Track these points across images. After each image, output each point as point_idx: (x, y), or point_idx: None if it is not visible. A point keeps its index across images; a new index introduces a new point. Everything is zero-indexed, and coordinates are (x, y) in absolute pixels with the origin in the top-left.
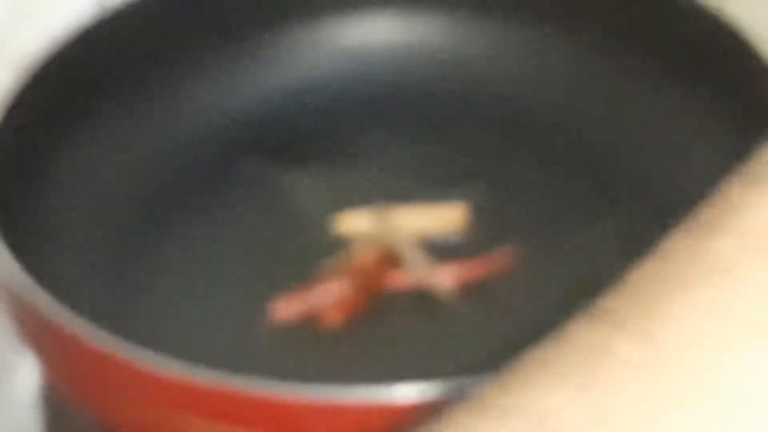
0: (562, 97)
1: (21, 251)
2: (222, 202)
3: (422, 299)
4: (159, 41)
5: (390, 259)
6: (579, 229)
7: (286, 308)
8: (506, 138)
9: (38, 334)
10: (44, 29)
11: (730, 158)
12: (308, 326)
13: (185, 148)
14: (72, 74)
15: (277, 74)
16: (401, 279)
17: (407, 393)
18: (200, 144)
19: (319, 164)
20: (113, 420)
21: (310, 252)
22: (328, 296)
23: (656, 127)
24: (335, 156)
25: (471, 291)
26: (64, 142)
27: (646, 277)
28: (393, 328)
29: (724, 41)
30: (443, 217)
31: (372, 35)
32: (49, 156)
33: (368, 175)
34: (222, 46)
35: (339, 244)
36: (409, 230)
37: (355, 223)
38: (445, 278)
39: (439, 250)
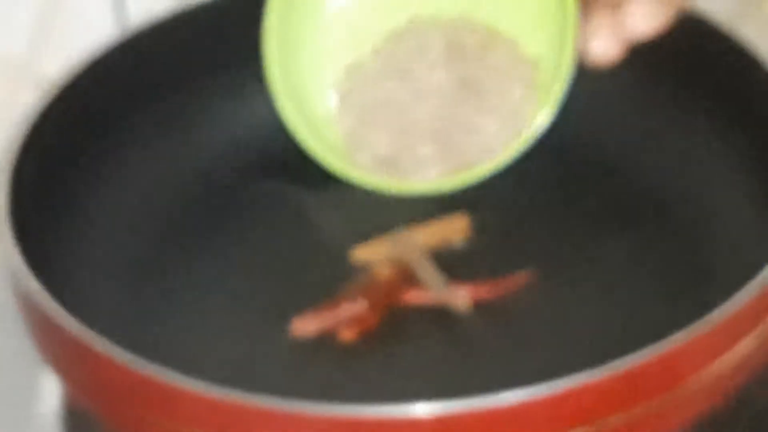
0: (577, 116)
1: (42, 270)
2: (242, 222)
3: (439, 317)
4: (180, 63)
5: (407, 277)
6: (594, 248)
7: (304, 326)
8: (522, 157)
9: (60, 352)
10: (66, 52)
11: (743, 176)
12: (326, 343)
13: (208, 167)
14: (93, 96)
15: None
16: (418, 296)
17: (424, 410)
18: (222, 164)
19: (339, 185)
20: None
21: (330, 271)
22: (345, 313)
23: (670, 145)
24: None
25: (487, 309)
26: (86, 164)
27: None
28: (410, 345)
29: (738, 61)
30: (448, 230)
31: None
32: (71, 177)
33: (388, 196)
34: (243, 68)
35: (358, 264)
36: (421, 248)
37: (371, 251)
38: (461, 297)
39: (456, 269)
